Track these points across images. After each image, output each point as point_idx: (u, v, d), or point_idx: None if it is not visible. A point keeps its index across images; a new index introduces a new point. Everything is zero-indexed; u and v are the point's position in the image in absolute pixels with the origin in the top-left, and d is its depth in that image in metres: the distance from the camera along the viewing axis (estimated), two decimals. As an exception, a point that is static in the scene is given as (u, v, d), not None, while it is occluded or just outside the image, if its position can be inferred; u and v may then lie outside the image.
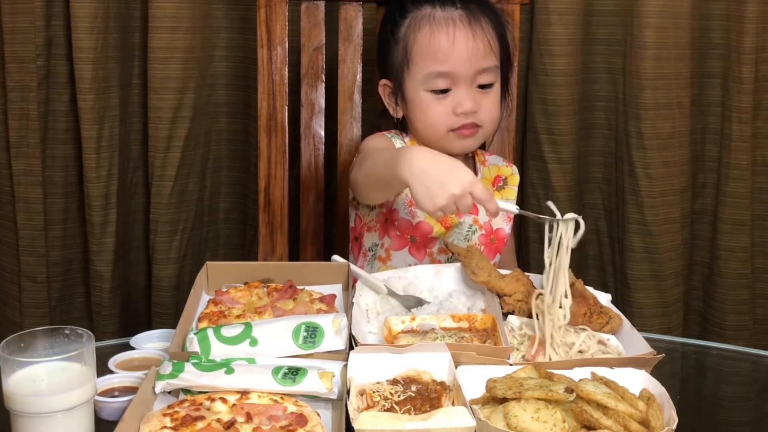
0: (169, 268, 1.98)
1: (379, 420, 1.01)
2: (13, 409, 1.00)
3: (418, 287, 1.41)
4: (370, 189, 1.51)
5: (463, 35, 1.54)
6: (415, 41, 1.56)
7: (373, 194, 1.53)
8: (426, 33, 1.55)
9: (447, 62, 1.53)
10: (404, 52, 1.57)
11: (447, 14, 1.55)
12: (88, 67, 1.85)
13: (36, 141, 1.91)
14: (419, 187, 1.29)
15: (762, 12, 1.91)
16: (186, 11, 1.87)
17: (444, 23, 1.55)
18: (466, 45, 1.53)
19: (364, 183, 1.51)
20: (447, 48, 1.53)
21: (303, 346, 1.19)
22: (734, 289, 2.03)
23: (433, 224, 1.58)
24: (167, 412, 1.05)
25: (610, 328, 1.31)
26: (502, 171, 1.70)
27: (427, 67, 1.54)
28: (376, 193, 1.52)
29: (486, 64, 1.55)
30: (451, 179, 1.29)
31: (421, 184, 1.29)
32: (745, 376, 1.44)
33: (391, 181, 1.39)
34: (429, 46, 1.54)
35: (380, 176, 1.43)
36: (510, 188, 1.69)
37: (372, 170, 1.47)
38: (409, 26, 1.57)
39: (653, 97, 1.91)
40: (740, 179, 1.99)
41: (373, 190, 1.51)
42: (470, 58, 1.53)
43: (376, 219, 1.61)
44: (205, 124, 1.99)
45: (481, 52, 1.54)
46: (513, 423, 1.01)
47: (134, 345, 1.30)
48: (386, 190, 1.50)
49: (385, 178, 1.40)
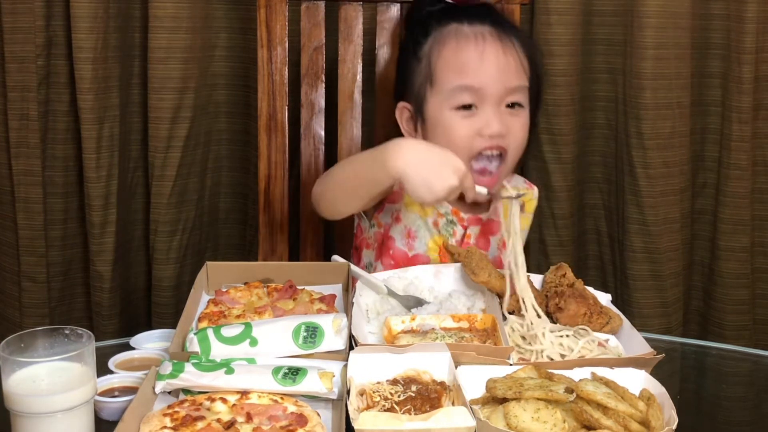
0: (169, 268, 1.98)
1: (379, 420, 1.01)
2: (13, 409, 1.00)
3: (418, 287, 1.41)
4: (342, 194, 1.41)
5: (493, 50, 1.44)
6: (440, 55, 1.46)
7: (346, 201, 1.43)
8: (452, 46, 1.46)
9: (475, 76, 1.43)
10: (427, 69, 1.47)
11: (476, 29, 1.46)
12: (88, 67, 1.85)
13: (36, 141, 1.91)
14: (416, 179, 1.27)
15: (762, 12, 1.91)
16: (186, 11, 1.87)
17: (473, 37, 1.45)
18: (497, 60, 1.44)
19: (335, 188, 1.41)
20: (475, 61, 1.43)
21: (303, 346, 1.19)
22: (734, 289, 2.03)
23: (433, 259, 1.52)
24: (167, 412, 1.05)
25: (610, 328, 1.31)
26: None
27: (452, 81, 1.45)
28: (349, 198, 1.42)
29: (515, 83, 1.46)
30: (447, 170, 1.28)
31: (417, 176, 1.26)
32: (745, 376, 1.44)
33: (376, 178, 1.32)
34: (455, 59, 1.45)
35: (361, 175, 1.36)
36: (526, 216, 1.61)
37: (348, 171, 1.40)
38: (433, 42, 1.48)
39: (653, 97, 1.91)
40: (740, 179, 1.99)
41: (346, 195, 1.41)
42: (500, 73, 1.44)
43: (374, 238, 1.57)
44: (205, 124, 1.99)
45: (511, 68, 1.45)
46: (513, 423, 1.01)
47: (134, 345, 1.30)
48: (364, 193, 1.39)
49: (369, 175, 1.34)
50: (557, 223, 1.98)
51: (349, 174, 1.39)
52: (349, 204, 1.45)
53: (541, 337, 1.25)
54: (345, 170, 1.41)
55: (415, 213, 1.53)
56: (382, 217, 1.55)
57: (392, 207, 1.55)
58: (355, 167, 1.39)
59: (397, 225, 1.53)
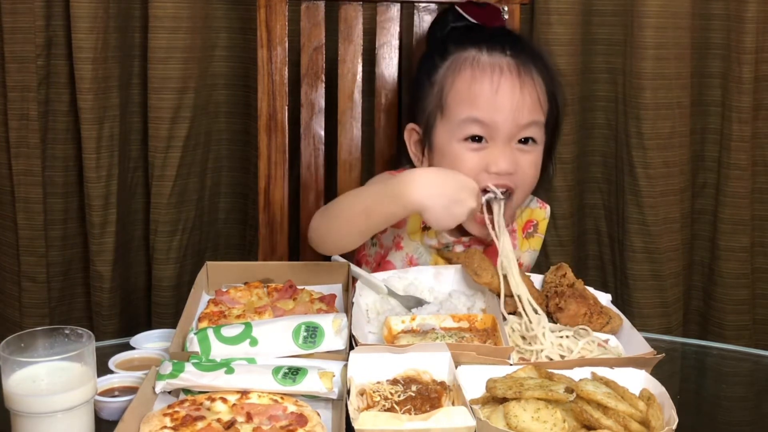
0: (169, 268, 1.98)
1: (379, 420, 1.01)
2: (13, 409, 1.00)
3: (418, 287, 1.40)
4: (351, 230, 1.36)
5: (509, 84, 1.38)
6: (453, 85, 1.41)
7: (354, 237, 1.38)
8: (467, 77, 1.41)
9: (486, 110, 1.38)
10: (439, 96, 1.43)
11: (494, 60, 1.41)
12: (88, 67, 1.85)
13: (36, 141, 1.91)
14: (437, 209, 1.27)
15: (762, 12, 1.91)
16: (186, 11, 1.87)
17: (489, 68, 1.40)
18: (511, 95, 1.38)
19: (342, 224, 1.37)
20: (489, 95, 1.38)
21: (303, 346, 1.19)
22: (734, 289, 2.03)
23: None
24: (167, 412, 1.05)
25: (610, 328, 1.31)
26: (535, 215, 1.59)
27: (462, 112, 1.40)
28: (358, 234, 1.37)
29: (529, 119, 1.40)
30: (465, 194, 1.29)
31: (439, 206, 1.26)
32: (745, 376, 1.44)
33: (390, 212, 1.30)
34: (468, 90, 1.40)
35: (373, 210, 1.32)
36: (538, 237, 1.60)
37: (357, 207, 1.35)
38: (448, 69, 1.43)
39: (653, 97, 1.91)
40: (740, 179, 1.99)
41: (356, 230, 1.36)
42: (514, 110, 1.38)
43: (374, 258, 1.56)
44: (205, 124, 1.99)
45: (526, 105, 1.39)
46: (513, 423, 1.01)
47: (134, 345, 1.30)
48: (375, 228, 1.36)
49: (383, 210, 1.31)
50: (557, 223, 1.98)
51: (358, 210, 1.35)
52: (356, 239, 1.40)
53: (542, 337, 1.25)
54: (353, 206, 1.36)
55: (416, 242, 1.52)
56: (384, 237, 1.54)
57: (395, 231, 1.52)
58: (365, 203, 1.34)
59: (398, 252, 1.52)
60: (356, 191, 1.40)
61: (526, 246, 1.58)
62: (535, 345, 1.24)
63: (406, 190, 1.28)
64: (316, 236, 1.42)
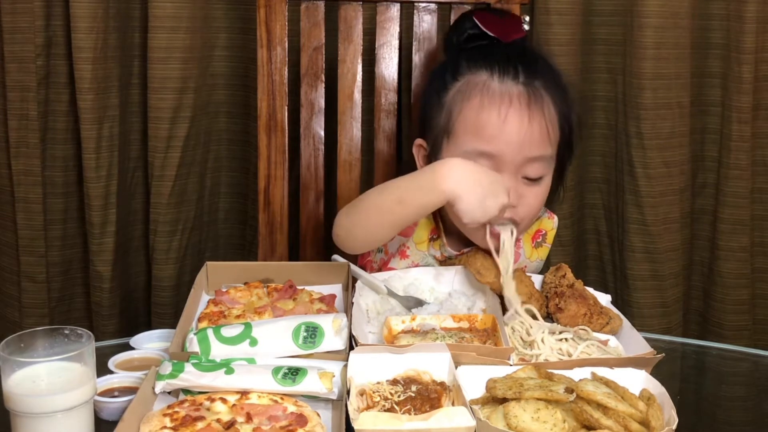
0: (169, 268, 1.98)
1: (379, 420, 1.01)
2: (13, 409, 1.00)
3: (418, 288, 1.40)
4: (382, 223, 1.35)
5: (517, 116, 1.35)
6: (460, 111, 1.38)
7: (385, 231, 1.36)
8: (475, 105, 1.37)
9: (492, 142, 1.35)
10: (447, 120, 1.40)
11: (504, 88, 1.36)
12: (88, 67, 1.85)
13: (36, 141, 1.91)
14: (471, 200, 1.25)
15: (762, 12, 1.91)
16: (186, 11, 1.87)
17: (498, 98, 1.36)
18: (519, 128, 1.35)
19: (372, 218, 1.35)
20: (495, 126, 1.35)
21: (303, 346, 1.19)
22: (734, 289, 2.03)
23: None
24: (167, 412, 1.05)
25: (610, 329, 1.31)
26: (544, 224, 1.57)
27: (468, 142, 1.37)
28: (389, 227, 1.35)
29: (537, 153, 1.37)
30: (500, 188, 1.28)
31: (473, 197, 1.25)
32: (745, 376, 1.44)
33: (425, 202, 1.28)
34: (476, 119, 1.36)
35: (407, 201, 1.30)
36: (546, 246, 1.58)
37: (389, 200, 1.32)
38: (458, 92, 1.40)
39: (653, 97, 1.91)
40: (740, 179, 1.99)
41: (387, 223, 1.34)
42: (521, 143, 1.35)
43: (378, 264, 1.55)
44: (204, 124, 1.99)
45: (535, 138, 1.36)
46: (513, 423, 1.01)
47: (134, 345, 1.30)
48: (409, 219, 1.34)
49: (417, 200, 1.29)
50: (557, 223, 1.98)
51: (389, 202, 1.33)
52: (387, 233, 1.38)
53: (540, 342, 1.25)
54: (384, 199, 1.34)
55: (422, 251, 1.52)
56: (390, 244, 1.53)
57: (401, 239, 1.51)
58: (398, 195, 1.32)
59: (402, 260, 1.51)
60: (383, 185, 1.38)
61: (535, 255, 1.58)
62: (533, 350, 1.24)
63: (441, 178, 1.26)
64: (344, 233, 1.39)
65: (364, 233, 1.38)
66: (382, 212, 1.35)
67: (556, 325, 1.30)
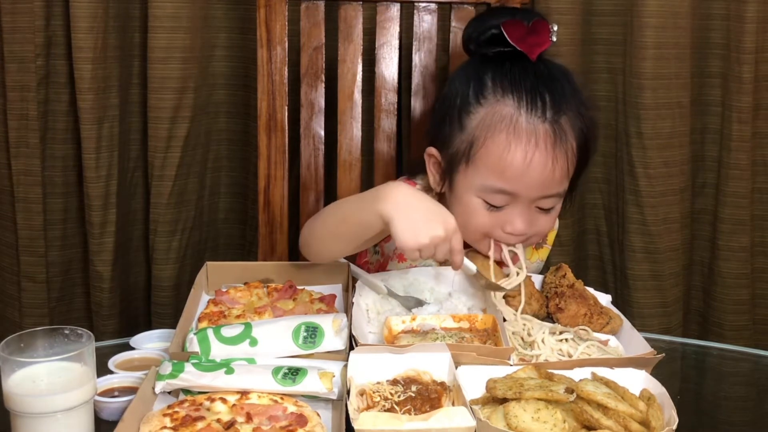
0: (169, 268, 1.98)
1: (379, 420, 1.01)
2: (13, 409, 1.00)
3: (418, 288, 1.40)
4: (331, 238, 1.37)
5: (542, 160, 1.32)
6: (484, 144, 1.35)
7: (334, 245, 1.37)
8: (501, 142, 1.33)
9: (513, 183, 1.34)
10: (468, 147, 1.37)
11: (531, 126, 1.33)
12: (88, 67, 1.84)
13: (35, 141, 1.91)
14: (403, 222, 1.21)
15: (762, 12, 1.91)
16: (186, 11, 1.87)
17: (525, 138, 1.32)
18: (542, 171, 1.33)
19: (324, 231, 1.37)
20: (520, 169, 1.32)
21: (303, 346, 1.19)
22: (734, 289, 2.02)
23: None
24: (167, 412, 1.05)
25: (610, 329, 1.31)
26: None
27: (488, 178, 1.35)
28: (337, 242, 1.36)
29: (555, 191, 1.37)
30: (437, 220, 1.24)
31: (406, 219, 1.22)
32: (745, 376, 1.44)
33: (365, 220, 1.27)
34: (500, 158, 1.33)
35: (350, 218, 1.32)
36: (546, 247, 1.60)
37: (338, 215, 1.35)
38: (483, 121, 1.36)
39: (653, 97, 1.91)
40: (740, 179, 1.99)
41: (335, 238, 1.36)
42: (541, 184, 1.34)
43: (376, 265, 1.55)
44: (204, 124, 1.99)
45: (555, 179, 1.35)
46: (513, 423, 1.01)
47: (134, 345, 1.30)
48: (353, 237, 1.34)
49: (358, 218, 1.29)
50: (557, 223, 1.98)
51: (338, 217, 1.35)
52: (336, 248, 1.39)
53: (540, 342, 1.25)
54: (335, 214, 1.36)
55: None
56: (387, 247, 1.53)
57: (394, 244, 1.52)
58: (344, 210, 1.34)
59: (401, 264, 1.51)
60: (338, 201, 1.41)
61: (536, 257, 1.59)
62: (534, 350, 1.24)
63: (380, 198, 1.25)
64: (303, 243, 1.43)
65: (318, 246, 1.40)
66: (330, 228, 1.36)
67: (556, 326, 1.30)
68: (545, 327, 1.29)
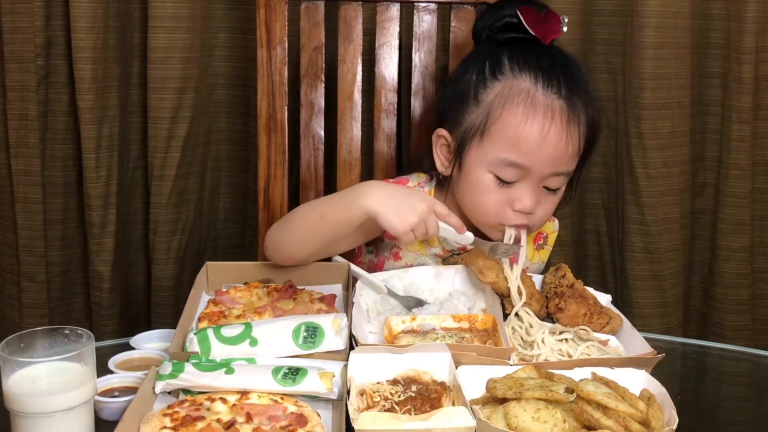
0: (169, 268, 1.98)
1: (379, 420, 1.01)
2: (13, 409, 1.00)
3: (418, 288, 1.40)
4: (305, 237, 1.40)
5: (557, 134, 1.36)
6: (501, 116, 1.37)
7: (307, 244, 1.41)
8: (519, 114, 1.36)
9: (528, 156, 1.36)
10: (484, 121, 1.38)
11: (547, 100, 1.36)
12: (88, 67, 1.84)
13: (35, 141, 1.91)
14: (389, 211, 1.29)
15: (762, 12, 1.91)
16: (186, 11, 1.87)
17: (542, 111, 1.35)
18: (556, 145, 1.36)
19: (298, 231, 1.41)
20: (535, 141, 1.35)
21: (303, 346, 1.19)
22: (734, 289, 2.02)
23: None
24: (167, 412, 1.05)
25: (610, 329, 1.31)
26: (545, 227, 1.58)
27: (503, 151, 1.37)
28: (311, 242, 1.40)
29: (565, 169, 1.40)
30: (414, 198, 1.32)
31: (390, 208, 1.29)
32: (745, 376, 1.44)
33: (346, 217, 1.33)
34: (516, 130, 1.35)
35: (329, 217, 1.36)
36: (547, 249, 1.61)
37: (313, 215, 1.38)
38: (500, 95, 1.38)
39: (653, 97, 1.91)
40: (740, 179, 1.99)
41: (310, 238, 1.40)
42: (554, 159, 1.37)
43: (368, 264, 1.56)
44: (204, 124, 1.99)
45: (567, 156, 1.38)
46: (513, 423, 1.01)
47: (134, 345, 1.30)
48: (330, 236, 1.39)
49: (338, 215, 1.35)
50: (557, 223, 1.98)
51: (313, 217, 1.38)
52: (310, 248, 1.42)
53: (540, 342, 1.25)
54: (310, 214, 1.40)
55: (415, 251, 1.52)
56: (382, 247, 1.55)
57: (391, 243, 1.53)
58: (320, 210, 1.38)
59: (397, 262, 1.52)
60: (311, 202, 1.47)
61: (537, 258, 1.59)
62: (534, 350, 1.24)
63: (360, 195, 1.32)
64: (271, 246, 1.44)
65: (290, 248, 1.42)
66: (305, 227, 1.40)
67: (556, 326, 1.30)
68: (545, 327, 1.29)
